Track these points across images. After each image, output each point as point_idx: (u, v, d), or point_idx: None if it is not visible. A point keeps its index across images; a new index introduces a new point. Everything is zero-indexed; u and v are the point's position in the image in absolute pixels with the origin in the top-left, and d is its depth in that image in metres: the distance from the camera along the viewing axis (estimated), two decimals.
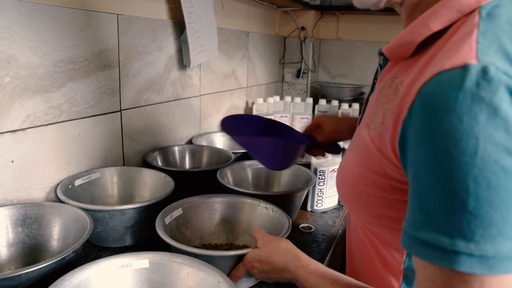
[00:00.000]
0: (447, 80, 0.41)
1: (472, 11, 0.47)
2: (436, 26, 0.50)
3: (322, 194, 1.19)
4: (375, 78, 0.69)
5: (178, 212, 0.90)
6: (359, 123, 0.71)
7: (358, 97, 2.43)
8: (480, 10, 0.46)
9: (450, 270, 0.40)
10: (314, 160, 1.17)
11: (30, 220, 0.85)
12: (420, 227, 0.43)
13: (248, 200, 0.97)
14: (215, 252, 0.74)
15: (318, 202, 1.19)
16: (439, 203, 0.41)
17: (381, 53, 0.64)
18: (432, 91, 0.42)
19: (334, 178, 1.19)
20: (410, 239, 0.44)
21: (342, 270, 0.73)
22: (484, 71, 0.39)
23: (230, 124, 0.93)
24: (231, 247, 0.95)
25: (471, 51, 0.41)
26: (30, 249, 0.85)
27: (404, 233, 0.46)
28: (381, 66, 0.66)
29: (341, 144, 1.02)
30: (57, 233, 0.85)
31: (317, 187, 1.18)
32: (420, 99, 0.43)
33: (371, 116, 0.59)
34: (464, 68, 0.40)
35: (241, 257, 0.76)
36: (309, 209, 1.21)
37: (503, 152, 0.38)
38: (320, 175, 1.17)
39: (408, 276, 0.60)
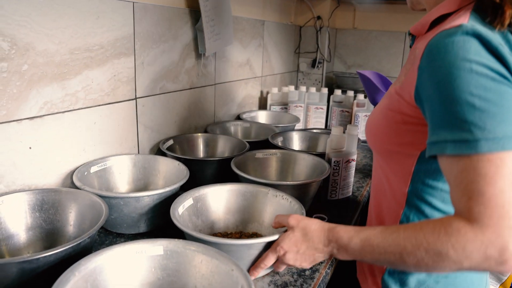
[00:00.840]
0: (446, 32, 0.59)
1: (469, 3, 0.64)
2: (443, 10, 0.68)
3: (336, 184, 1.18)
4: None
5: (189, 202, 0.90)
6: None
7: None
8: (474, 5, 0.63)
9: (476, 155, 0.54)
10: (329, 151, 1.16)
11: (47, 206, 0.87)
12: (439, 134, 0.58)
13: (261, 189, 0.97)
14: (230, 240, 0.74)
15: (332, 192, 1.19)
16: (454, 111, 0.56)
17: (409, 33, 0.81)
18: (435, 40, 0.60)
19: (349, 169, 1.18)
20: (438, 145, 0.58)
21: None
22: (473, 26, 0.57)
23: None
24: (241, 235, 0.95)
25: (465, 20, 0.59)
26: (47, 234, 0.86)
27: (430, 144, 0.60)
28: (410, 46, 0.82)
29: None
30: (73, 218, 0.87)
31: (331, 177, 1.17)
32: (427, 48, 0.61)
33: (397, 78, 0.78)
34: (460, 25, 0.58)
35: (253, 246, 0.76)
36: (323, 199, 1.20)
37: (489, 69, 0.55)
38: (334, 165, 1.16)
39: (410, 200, 0.75)
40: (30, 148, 0.91)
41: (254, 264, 0.77)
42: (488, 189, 0.53)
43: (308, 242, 0.71)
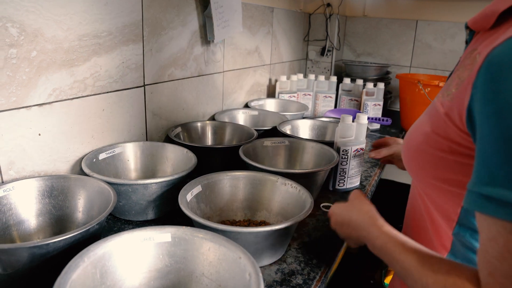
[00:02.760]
0: None
1: None
2: None
3: (344, 173, 1.17)
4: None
5: (198, 189, 0.91)
6: None
7: (384, 76, 2.37)
8: None
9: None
10: (337, 139, 1.16)
11: (56, 192, 0.87)
12: (484, 184, 0.44)
13: (269, 177, 0.97)
14: (238, 228, 0.74)
15: (340, 181, 1.18)
16: (501, 158, 0.42)
17: (467, 27, 0.65)
18: (500, 51, 0.44)
19: (357, 158, 1.18)
20: (474, 196, 0.46)
21: None
22: None
23: None
24: (249, 223, 0.96)
25: None
26: (57, 220, 0.87)
27: (468, 192, 0.47)
28: (467, 41, 0.67)
29: None
30: (82, 205, 0.87)
31: (340, 166, 1.16)
32: (487, 60, 0.45)
33: (446, 85, 0.62)
34: None
35: (261, 234, 0.76)
36: (331, 188, 1.20)
37: None
38: (343, 154, 1.15)
39: (455, 245, 0.63)
40: (39, 134, 0.91)
41: None
42: None
43: (348, 219, 0.74)
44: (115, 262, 0.64)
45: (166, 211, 0.99)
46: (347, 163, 1.16)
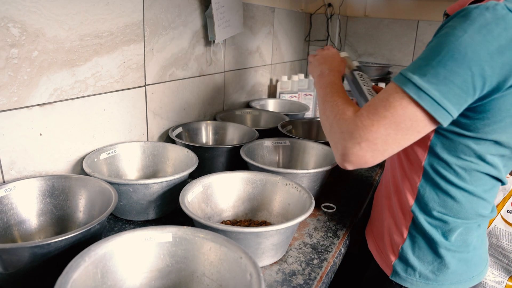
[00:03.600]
0: (470, 7, 0.64)
1: None
2: None
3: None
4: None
5: (199, 189, 0.91)
6: None
7: (385, 77, 2.37)
8: None
9: (398, 87, 0.67)
10: None
11: (57, 192, 0.87)
12: (406, 70, 0.68)
13: (270, 177, 0.97)
14: (239, 228, 0.74)
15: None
16: (422, 58, 0.66)
17: (445, 14, 0.83)
18: (465, 8, 0.65)
19: None
20: (398, 75, 0.68)
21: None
22: (494, 4, 0.62)
23: None
24: (250, 223, 0.95)
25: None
26: (58, 220, 0.87)
27: (398, 74, 0.69)
28: (442, 27, 0.86)
29: None
30: (83, 205, 0.87)
31: None
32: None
33: None
34: (485, 4, 0.63)
35: (262, 234, 0.76)
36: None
37: (477, 44, 0.61)
38: None
39: (427, 172, 0.78)
40: (40, 134, 0.92)
41: None
42: (381, 109, 0.68)
43: (324, 61, 0.99)
44: (116, 262, 0.64)
45: (167, 211, 0.99)
46: (366, 83, 1.11)
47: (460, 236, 0.79)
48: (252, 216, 0.98)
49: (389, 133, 0.67)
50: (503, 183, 0.79)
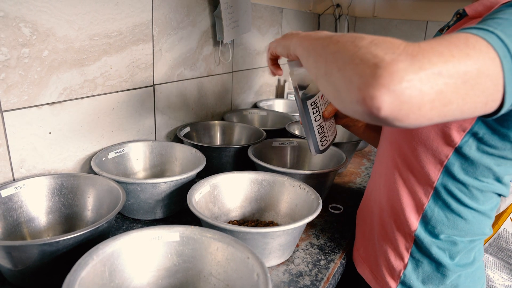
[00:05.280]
0: None
1: None
2: None
3: (323, 128, 1.11)
4: (440, 31, 0.79)
5: (206, 188, 0.91)
6: None
7: None
8: None
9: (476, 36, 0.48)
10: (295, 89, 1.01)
11: (66, 190, 0.88)
12: (479, 26, 0.51)
13: (278, 178, 0.96)
14: (246, 228, 0.74)
15: (322, 139, 1.11)
16: (493, 22, 0.51)
17: (457, 13, 0.74)
18: None
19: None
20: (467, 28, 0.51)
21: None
22: None
23: None
24: (257, 224, 0.95)
25: None
26: (66, 218, 0.88)
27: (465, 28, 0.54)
28: (449, 26, 0.76)
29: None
30: (91, 203, 0.88)
31: (314, 123, 1.07)
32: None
33: None
34: None
35: (269, 235, 0.76)
36: (314, 153, 1.11)
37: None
38: (312, 107, 1.07)
39: (439, 193, 0.70)
40: (50, 133, 0.92)
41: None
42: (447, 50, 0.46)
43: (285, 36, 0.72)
44: (124, 260, 0.65)
45: (175, 210, 0.99)
46: (320, 115, 0.94)
47: (465, 254, 0.74)
48: (259, 217, 0.98)
49: (454, 76, 0.44)
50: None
